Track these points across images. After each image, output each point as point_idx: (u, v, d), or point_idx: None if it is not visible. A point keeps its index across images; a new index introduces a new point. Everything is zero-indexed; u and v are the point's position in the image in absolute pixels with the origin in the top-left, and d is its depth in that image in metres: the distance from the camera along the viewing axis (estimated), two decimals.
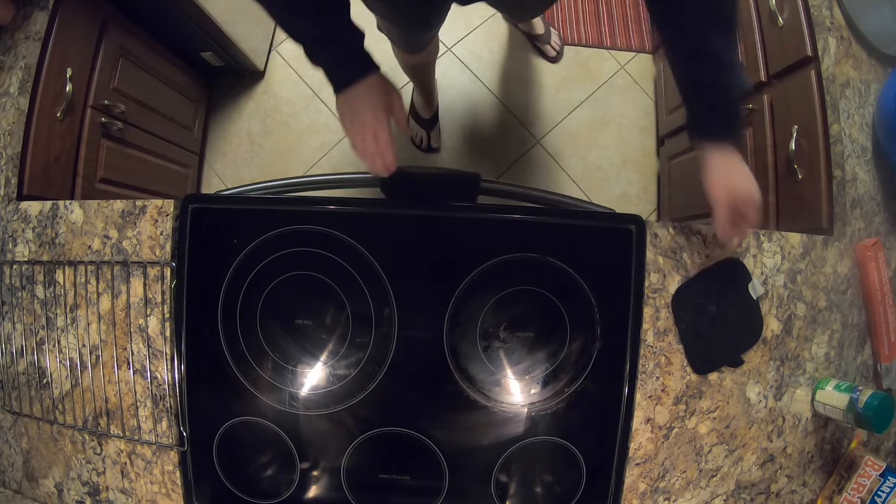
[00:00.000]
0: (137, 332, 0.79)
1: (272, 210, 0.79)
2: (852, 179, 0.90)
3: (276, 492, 0.79)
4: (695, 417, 0.78)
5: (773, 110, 1.14)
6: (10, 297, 0.83)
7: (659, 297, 0.78)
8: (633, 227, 0.78)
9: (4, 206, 0.86)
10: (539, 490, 0.80)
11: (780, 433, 0.80)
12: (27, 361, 0.82)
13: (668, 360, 0.78)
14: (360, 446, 0.78)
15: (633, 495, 0.78)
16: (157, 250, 0.79)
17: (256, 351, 0.78)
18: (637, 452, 0.77)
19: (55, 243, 0.82)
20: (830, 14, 0.96)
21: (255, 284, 0.78)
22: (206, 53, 1.59)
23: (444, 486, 0.78)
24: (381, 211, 0.79)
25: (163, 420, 0.79)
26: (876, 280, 0.83)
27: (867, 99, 0.94)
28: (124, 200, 0.81)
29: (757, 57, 1.18)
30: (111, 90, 1.27)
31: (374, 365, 0.78)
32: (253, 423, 0.79)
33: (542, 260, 0.77)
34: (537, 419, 0.78)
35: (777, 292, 0.80)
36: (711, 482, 0.79)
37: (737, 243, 0.77)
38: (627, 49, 1.82)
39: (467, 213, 0.79)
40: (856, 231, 0.87)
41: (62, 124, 1.12)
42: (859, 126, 0.92)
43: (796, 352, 0.81)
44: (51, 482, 0.83)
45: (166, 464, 0.79)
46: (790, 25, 1.06)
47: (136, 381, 0.79)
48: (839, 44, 0.95)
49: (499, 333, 0.78)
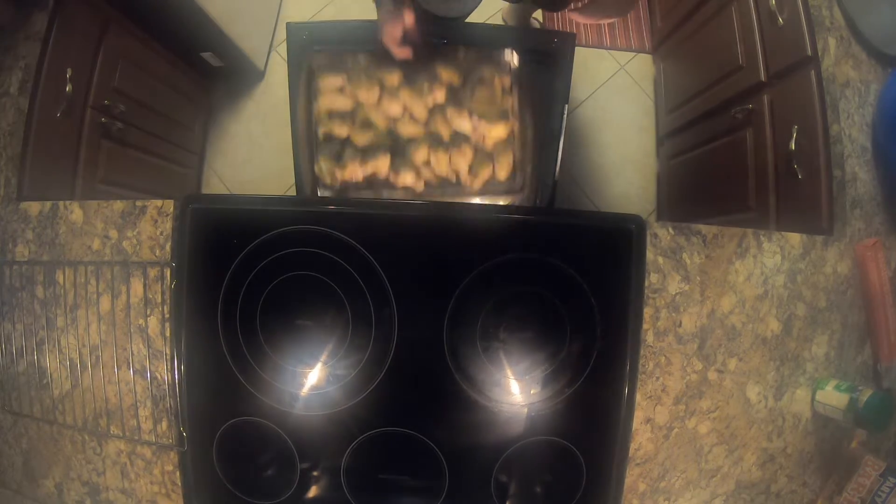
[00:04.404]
0: (137, 333, 0.79)
1: (272, 210, 0.79)
2: (852, 179, 0.90)
3: (276, 492, 0.79)
4: (695, 417, 0.78)
5: (773, 110, 1.14)
6: (10, 297, 0.83)
7: (659, 297, 0.78)
8: (633, 227, 0.78)
9: (4, 206, 0.86)
10: (539, 490, 0.80)
11: (780, 433, 0.80)
12: (27, 361, 0.82)
13: (668, 360, 0.78)
14: (360, 446, 0.78)
15: (633, 495, 0.78)
16: (157, 250, 0.79)
17: (256, 351, 0.78)
18: (637, 452, 0.77)
19: (55, 243, 0.82)
20: (830, 14, 0.96)
21: (255, 285, 0.78)
22: (206, 53, 1.59)
23: (444, 486, 0.78)
24: (381, 211, 0.79)
25: (163, 420, 0.79)
26: (876, 280, 0.83)
27: (867, 99, 0.94)
28: (124, 200, 0.81)
29: (757, 57, 1.18)
30: (111, 90, 1.27)
31: (374, 365, 0.78)
32: (253, 423, 0.79)
33: (542, 260, 0.77)
34: (537, 419, 0.77)
35: (777, 292, 0.80)
36: (711, 482, 0.79)
37: None
38: (627, 49, 1.82)
39: (467, 213, 0.79)
40: (856, 231, 0.87)
41: (62, 124, 1.12)
42: (859, 126, 0.92)
43: (796, 352, 0.81)
44: (51, 482, 0.83)
45: (166, 464, 0.79)
46: (790, 25, 1.06)
47: (136, 381, 0.79)
48: (839, 44, 0.95)
49: (499, 334, 0.78)
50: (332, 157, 0.93)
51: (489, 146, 0.93)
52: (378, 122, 0.94)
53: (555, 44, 0.93)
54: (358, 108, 0.94)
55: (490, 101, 0.93)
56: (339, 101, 0.94)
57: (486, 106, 0.93)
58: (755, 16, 1.19)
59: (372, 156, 0.93)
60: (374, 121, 0.94)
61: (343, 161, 0.93)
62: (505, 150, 0.93)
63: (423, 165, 0.94)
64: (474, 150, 0.93)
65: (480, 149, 0.93)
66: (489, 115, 0.93)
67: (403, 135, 0.94)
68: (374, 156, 0.93)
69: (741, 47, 1.23)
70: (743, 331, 0.79)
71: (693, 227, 0.80)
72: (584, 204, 1.72)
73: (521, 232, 0.78)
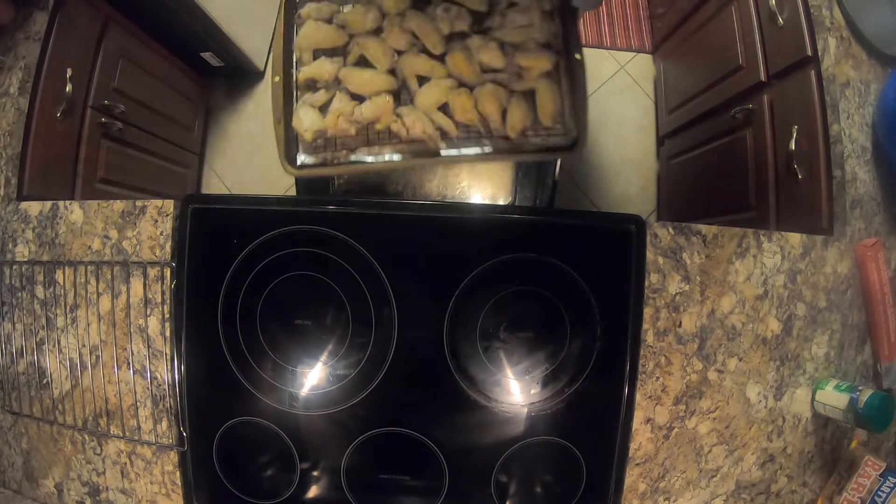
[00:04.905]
0: (137, 333, 0.79)
1: (272, 210, 0.79)
2: (852, 179, 0.90)
3: (276, 492, 0.79)
4: (695, 417, 0.78)
5: (773, 110, 1.14)
6: (10, 297, 0.83)
7: (659, 297, 0.78)
8: (633, 227, 0.78)
9: (4, 206, 0.86)
10: (539, 490, 0.80)
11: (780, 433, 0.80)
12: (27, 361, 0.82)
13: (668, 360, 0.78)
14: (360, 446, 0.78)
15: (633, 495, 0.78)
16: (157, 250, 0.79)
17: (256, 351, 0.78)
18: (637, 452, 0.77)
19: (55, 243, 0.82)
20: (830, 14, 0.96)
21: (255, 284, 0.78)
22: (206, 53, 1.59)
23: (444, 486, 0.78)
24: (381, 211, 0.79)
25: (163, 420, 0.79)
26: (876, 280, 0.83)
27: (867, 99, 0.94)
28: (124, 200, 0.81)
29: (757, 57, 1.18)
30: (111, 90, 1.27)
31: (374, 365, 0.78)
32: (253, 423, 0.79)
33: (542, 260, 0.77)
34: (537, 419, 0.78)
35: (777, 292, 0.80)
36: (711, 482, 0.79)
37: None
38: (627, 49, 1.82)
39: (467, 213, 0.79)
40: (856, 231, 0.87)
41: (62, 124, 1.12)
42: (859, 126, 0.92)
43: (796, 352, 0.81)
44: (51, 482, 0.83)
45: (166, 464, 0.79)
46: (790, 25, 1.06)
47: (136, 381, 0.79)
48: (839, 44, 0.95)
49: (499, 333, 0.78)
50: (316, 108, 0.73)
51: (528, 84, 0.74)
52: (378, 58, 0.74)
53: None
54: (352, 43, 0.75)
55: (527, 27, 0.75)
56: (325, 32, 0.75)
57: (521, 34, 0.74)
58: (755, 16, 1.19)
59: (369, 102, 0.73)
60: (373, 56, 0.74)
61: (330, 111, 0.72)
62: (549, 88, 0.74)
63: (438, 111, 0.73)
64: (508, 90, 0.73)
65: (516, 88, 0.73)
66: (526, 46, 0.74)
67: (410, 74, 0.73)
68: (371, 101, 0.73)
69: (741, 47, 1.23)
70: (743, 331, 0.79)
71: (693, 227, 0.80)
72: (583, 204, 1.72)
73: (521, 232, 0.78)
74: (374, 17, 0.74)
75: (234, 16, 1.52)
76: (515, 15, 0.74)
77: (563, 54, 0.74)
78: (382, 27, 0.74)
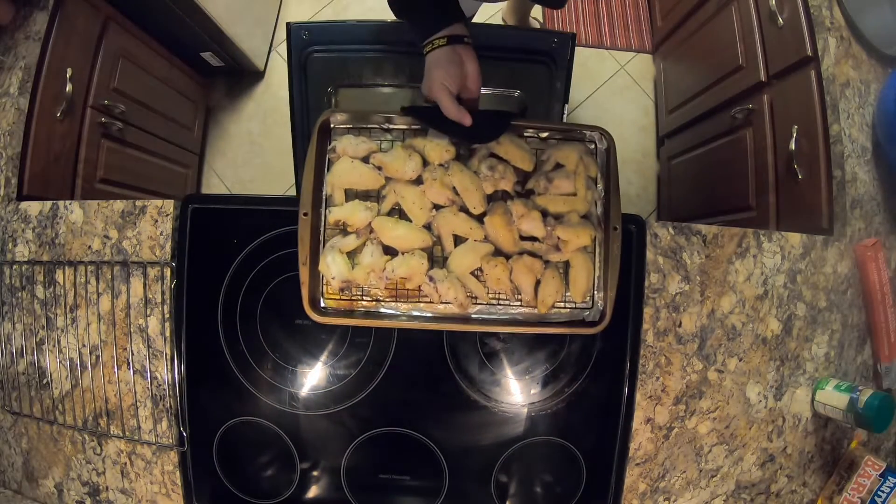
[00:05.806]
0: (137, 333, 0.79)
1: (272, 210, 0.79)
2: (852, 179, 0.90)
3: (276, 492, 0.79)
4: (695, 417, 0.78)
5: (773, 110, 1.14)
6: (10, 297, 0.83)
7: (659, 297, 0.78)
8: (633, 227, 0.78)
9: (4, 206, 0.86)
10: (539, 490, 0.80)
11: (780, 433, 0.80)
12: (27, 361, 0.82)
13: (668, 360, 0.78)
14: (360, 446, 0.78)
15: (633, 495, 0.78)
16: (157, 250, 0.79)
17: (256, 351, 0.78)
18: (637, 452, 0.77)
19: (55, 243, 0.82)
20: (830, 14, 0.96)
21: (255, 284, 0.78)
22: (206, 53, 1.59)
23: (444, 486, 0.78)
24: None
25: (163, 420, 0.79)
26: (876, 280, 0.83)
27: (867, 99, 0.94)
28: (124, 200, 0.81)
29: (757, 57, 1.18)
30: (111, 90, 1.27)
31: (374, 365, 0.78)
32: (253, 423, 0.79)
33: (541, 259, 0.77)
34: (537, 419, 0.78)
35: (777, 292, 0.80)
36: (711, 482, 0.79)
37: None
38: (627, 49, 1.82)
39: None
40: (856, 231, 0.87)
41: (62, 124, 1.12)
42: (859, 126, 0.92)
43: (796, 352, 0.81)
44: (51, 482, 0.83)
45: (166, 464, 0.79)
46: (790, 25, 1.06)
47: (136, 381, 0.79)
48: (839, 44, 0.95)
49: (499, 333, 0.78)
50: (344, 253, 0.68)
51: (564, 256, 0.70)
52: (414, 213, 0.69)
53: (555, 44, 0.91)
54: (387, 187, 0.71)
55: (570, 198, 0.71)
56: (361, 173, 0.70)
57: (565, 205, 0.71)
58: (755, 16, 1.19)
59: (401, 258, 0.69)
60: (409, 210, 0.70)
61: (361, 264, 0.68)
62: (584, 263, 0.70)
63: (471, 275, 0.70)
64: (543, 262, 0.70)
65: (551, 258, 0.70)
66: (569, 218, 0.70)
67: (447, 232, 0.70)
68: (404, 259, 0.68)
69: (741, 47, 1.23)
70: (743, 331, 0.79)
71: (693, 227, 0.80)
72: None
73: None
74: (415, 166, 0.69)
75: (234, 16, 1.52)
76: (561, 181, 0.70)
77: (601, 225, 0.71)
78: (422, 177, 0.70)
